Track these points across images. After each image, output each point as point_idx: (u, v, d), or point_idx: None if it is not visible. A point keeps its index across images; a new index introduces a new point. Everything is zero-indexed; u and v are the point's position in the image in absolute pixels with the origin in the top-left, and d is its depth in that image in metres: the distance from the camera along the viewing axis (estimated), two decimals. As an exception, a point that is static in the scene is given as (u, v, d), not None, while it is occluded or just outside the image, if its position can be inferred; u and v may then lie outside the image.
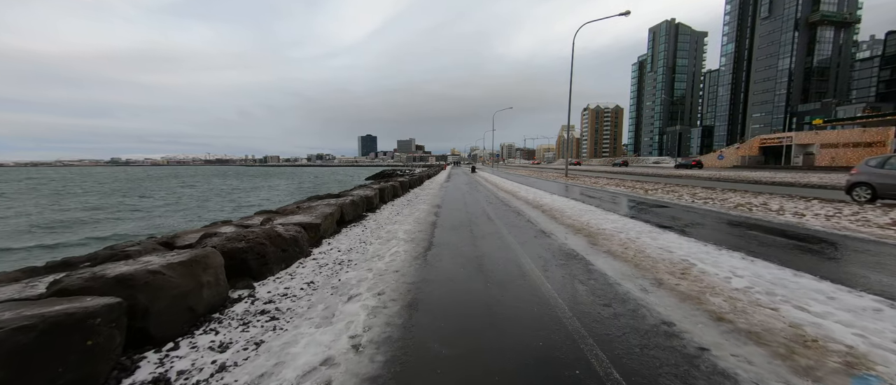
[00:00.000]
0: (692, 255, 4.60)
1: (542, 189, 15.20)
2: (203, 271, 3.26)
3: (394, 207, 10.86)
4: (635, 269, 4.27)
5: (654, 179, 22.05)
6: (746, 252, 4.81)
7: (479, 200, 12.14)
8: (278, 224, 5.57)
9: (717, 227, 6.64)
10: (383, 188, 11.69)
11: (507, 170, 52.20)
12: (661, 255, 4.70)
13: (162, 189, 38.62)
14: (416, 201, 12.21)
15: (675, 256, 4.57)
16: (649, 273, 4.07)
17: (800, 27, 78.53)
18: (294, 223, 5.76)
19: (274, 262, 4.48)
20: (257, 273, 4.22)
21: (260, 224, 6.10)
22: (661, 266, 4.24)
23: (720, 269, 3.98)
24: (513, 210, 9.71)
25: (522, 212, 9.27)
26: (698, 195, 11.65)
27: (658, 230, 6.18)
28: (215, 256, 3.50)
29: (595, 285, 3.79)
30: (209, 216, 18.05)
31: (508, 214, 8.97)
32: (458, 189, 17.29)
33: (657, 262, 4.39)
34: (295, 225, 5.66)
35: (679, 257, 4.52)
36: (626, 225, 6.69)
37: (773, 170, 36.12)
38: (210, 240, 4.22)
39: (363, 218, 8.88)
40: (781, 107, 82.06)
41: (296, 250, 5.06)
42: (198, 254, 3.33)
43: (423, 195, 14.40)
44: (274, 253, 4.50)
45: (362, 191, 10.63)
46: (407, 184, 16.41)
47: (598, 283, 3.87)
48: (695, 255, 4.55)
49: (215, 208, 21.74)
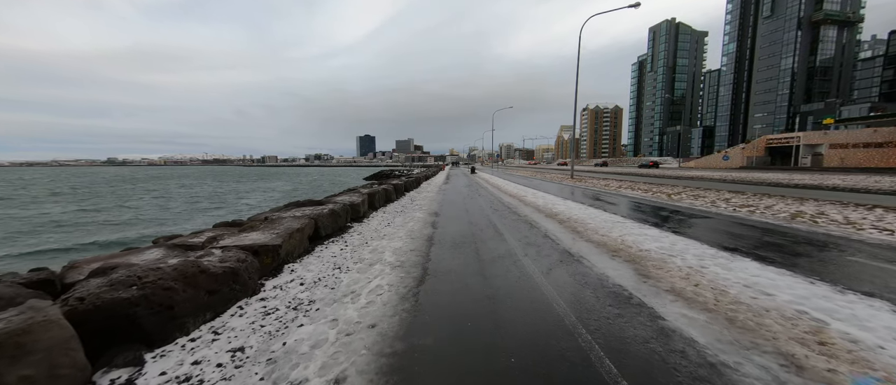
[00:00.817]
0: (805, 301, 3.16)
1: (551, 193, 13.77)
2: (10, 365, 1.81)
3: (385, 215, 9.40)
4: (734, 328, 2.82)
5: (664, 181, 20.67)
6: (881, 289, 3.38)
7: (483, 207, 10.70)
8: (217, 248, 4.11)
9: (796, 249, 5.20)
10: (373, 193, 10.22)
11: (507, 170, 50.76)
12: (754, 298, 3.27)
13: (148, 191, 36.96)
14: (411, 207, 10.77)
15: (781, 303, 3.13)
16: (764, 339, 2.62)
17: (802, 26, 77.58)
18: (241, 247, 4.30)
19: (191, 314, 3.01)
20: (157, 335, 2.75)
21: (203, 244, 4.64)
22: (774, 325, 2.80)
23: (875, 335, 2.54)
24: (523, 220, 8.27)
25: (536, 223, 7.83)
26: (731, 201, 10.25)
27: (724, 254, 4.73)
28: (49, 330, 2.04)
29: (689, 367, 2.35)
30: (169, 229, 16.39)
31: (519, 226, 7.53)
32: (458, 193, 15.84)
33: (761, 316, 2.95)
34: (241, 249, 4.19)
35: (788, 305, 3.08)
36: (674, 244, 5.25)
37: (785, 171, 34.83)
38: (80, 287, 2.75)
39: (346, 229, 7.42)
40: (784, 107, 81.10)
41: (235, 288, 3.59)
42: (10, 330, 1.87)
43: (419, 200, 12.95)
44: (191, 300, 3.03)
45: (348, 196, 9.17)
46: (401, 187, 14.95)
47: (690, 359, 2.42)
48: (812, 303, 3.10)
49: (187, 214, 20.07)
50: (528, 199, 11.83)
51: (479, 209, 10.18)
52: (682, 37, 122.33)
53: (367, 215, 9.23)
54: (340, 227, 7.38)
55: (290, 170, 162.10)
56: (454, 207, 10.75)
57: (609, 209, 9.41)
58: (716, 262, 4.32)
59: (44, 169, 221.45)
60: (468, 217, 8.81)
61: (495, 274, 4.40)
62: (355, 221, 8.34)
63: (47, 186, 43.71)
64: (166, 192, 35.89)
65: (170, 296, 2.85)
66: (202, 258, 3.60)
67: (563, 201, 10.67)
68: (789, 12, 78.38)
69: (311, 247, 5.99)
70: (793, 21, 77.98)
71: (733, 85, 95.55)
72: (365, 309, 3.42)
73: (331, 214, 6.71)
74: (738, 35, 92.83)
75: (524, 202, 11.39)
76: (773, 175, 26.66)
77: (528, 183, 20.95)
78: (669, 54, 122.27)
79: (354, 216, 8.33)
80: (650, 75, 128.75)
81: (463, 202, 12.09)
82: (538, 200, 11.06)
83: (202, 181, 60.46)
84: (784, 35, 79.69)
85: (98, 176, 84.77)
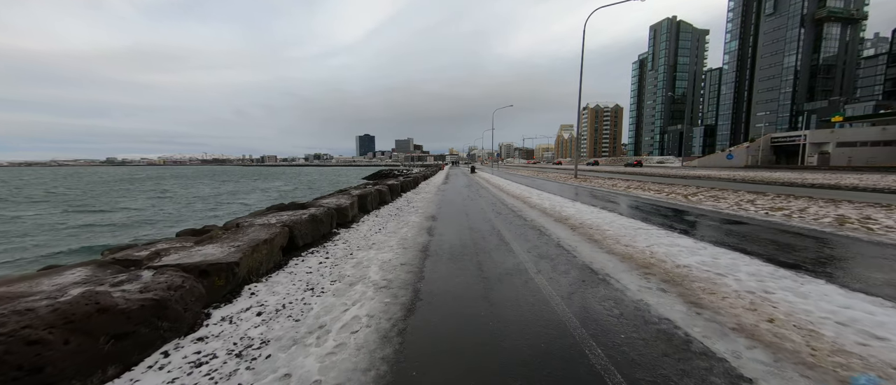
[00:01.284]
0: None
1: (556, 194, 12.88)
2: None
3: (377, 220, 8.51)
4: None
5: (674, 181, 19.79)
6: None
7: (484, 209, 9.81)
8: (150, 269, 3.22)
9: (873, 266, 4.31)
10: (365, 194, 9.32)
11: (508, 170, 49.89)
12: (863, 344, 2.39)
13: (135, 194, 36.04)
14: (407, 210, 9.88)
15: None
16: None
17: (805, 24, 76.73)
18: (183, 266, 3.40)
19: (76, 375, 2.12)
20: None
21: (144, 259, 3.76)
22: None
23: None
24: (531, 225, 7.38)
25: (545, 229, 6.94)
26: (757, 203, 9.38)
27: (786, 273, 3.84)
28: None
29: None
30: (142, 233, 15.45)
31: (527, 233, 6.64)
32: (458, 193, 14.95)
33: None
34: (182, 270, 3.30)
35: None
36: (717, 258, 4.36)
37: (794, 170, 34.00)
38: None
39: (331, 237, 6.53)
40: (787, 105, 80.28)
41: (161, 327, 2.70)
42: None
43: (416, 201, 12.07)
44: (79, 353, 2.14)
45: (336, 199, 8.27)
46: (397, 188, 14.05)
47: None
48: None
49: (165, 219, 19.08)
50: (533, 200, 10.94)
51: (480, 212, 9.29)
52: (683, 35, 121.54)
53: (357, 219, 8.33)
54: (324, 234, 6.48)
55: (288, 170, 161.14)
56: (453, 210, 9.86)
57: (625, 212, 8.52)
58: (781, 285, 3.43)
59: (43, 169, 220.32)
60: (469, 221, 7.92)
61: (504, 299, 3.52)
62: (343, 227, 7.45)
63: (40, 187, 42.76)
64: (161, 192, 34.97)
65: (37, 353, 1.96)
66: (116, 286, 2.70)
67: (571, 203, 9.78)
68: (792, 9, 77.54)
69: (285, 259, 5.09)
70: (796, 18, 77.15)
71: (735, 83, 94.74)
72: (331, 356, 2.54)
73: (310, 221, 5.81)
74: (740, 33, 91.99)
75: (529, 204, 10.50)
76: (783, 174, 25.81)
77: (530, 183, 20.07)
78: (670, 53, 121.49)
79: (342, 221, 7.44)
80: (651, 74, 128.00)
81: (463, 204, 11.20)
82: (544, 202, 10.17)
83: (198, 181, 59.52)
84: (787, 32, 78.86)
85: (94, 176, 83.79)
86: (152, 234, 14.14)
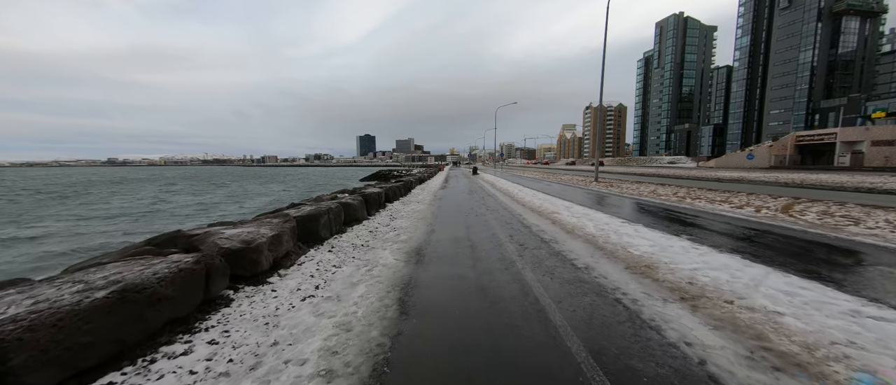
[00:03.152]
0: None
1: (591, 207, 9.61)
2: None
3: (329, 257, 5.25)
4: None
5: (713, 185, 16.48)
6: None
7: (498, 237, 6.54)
8: None
9: None
10: (315, 215, 6.05)
11: (512, 171, 46.47)
12: None
13: (75, 203, 32.81)
14: (383, 235, 6.64)
15: None
16: None
17: (823, 18, 73.23)
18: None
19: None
20: None
21: None
22: None
23: None
24: (588, 280, 4.11)
25: (622, 294, 3.67)
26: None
27: None
28: None
29: None
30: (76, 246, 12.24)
31: (595, 308, 3.37)
32: (458, 206, 11.68)
33: None
34: None
35: None
36: None
37: (827, 170, 30.61)
38: None
39: (219, 306, 3.30)
40: (802, 103, 76.79)
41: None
42: None
43: (401, 218, 8.82)
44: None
45: (254, 227, 4.95)
46: (379, 197, 10.75)
47: None
48: None
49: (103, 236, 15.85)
50: (565, 218, 7.66)
51: (492, 244, 6.01)
52: (690, 32, 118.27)
53: (285, 264, 4.99)
54: (247, 275, 3.24)
55: (287, 170, 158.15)
56: (451, 235, 6.60)
57: (736, 249, 5.22)
58: None
59: (43, 169, 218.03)
60: (475, 268, 4.64)
61: None
62: (245, 282, 4.14)
63: (34, 188, 39.64)
64: (138, 196, 31.74)
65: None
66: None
67: (630, 226, 6.49)
68: (808, 3, 74.04)
69: (151, 347, 1.84)
70: (812, 12, 73.63)
71: (747, 81, 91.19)
72: None
73: (218, 264, 2.54)
74: (752, 28, 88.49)
75: (563, 226, 7.20)
76: (817, 176, 22.38)
77: (546, 188, 16.78)
78: (677, 50, 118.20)
79: (244, 272, 4.10)
80: (657, 72, 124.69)
81: (465, 221, 7.93)
82: (585, 224, 6.88)
83: (194, 182, 56.31)
84: (803, 27, 75.33)
85: (80, 177, 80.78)
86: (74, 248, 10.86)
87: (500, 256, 5.20)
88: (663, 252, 4.73)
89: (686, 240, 5.54)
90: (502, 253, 5.41)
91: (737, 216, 8.09)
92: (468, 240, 6.33)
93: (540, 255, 5.20)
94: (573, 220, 7.39)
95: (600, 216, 7.66)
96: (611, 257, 4.95)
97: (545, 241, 6.14)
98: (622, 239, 5.54)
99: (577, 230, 6.60)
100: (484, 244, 5.99)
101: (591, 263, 4.73)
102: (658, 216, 8.29)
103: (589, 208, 9.03)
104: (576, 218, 7.52)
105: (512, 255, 5.26)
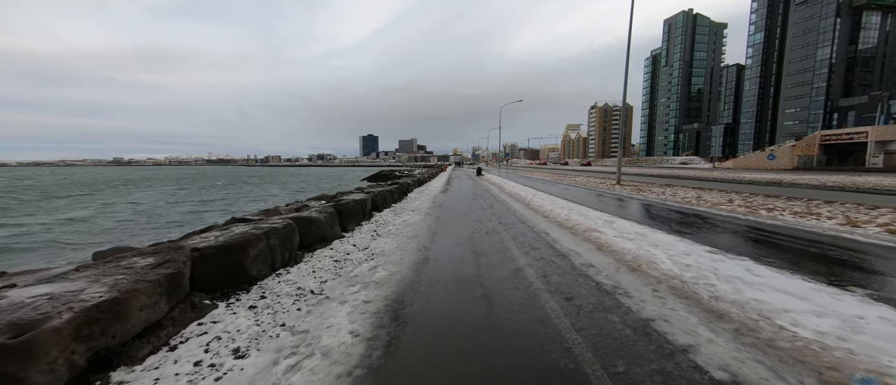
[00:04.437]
0: None
1: (632, 219, 7.34)
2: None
3: (250, 321, 3.08)
4: None
5: (754, 190, 14.15)
6: None
7: (519, 266, 4.30)
8: None
9: None
10: (267, 234, 3.89)
11: (518, 171, 44.08)
12: None
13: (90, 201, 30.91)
14: (357, 262, 4.44)
15: None
16: None
17: (842, 12, 70.17)
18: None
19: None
20: None
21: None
22: None
23: None
24: None
25: None
26: None
27: None
28: None
29: None
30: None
31: None
32: (462, 214, 9.43)
33: None
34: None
35: None
36: None
37: (865, 173, 28.01)
38: None
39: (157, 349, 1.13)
40: (820, 101, 73.71)
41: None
42: None
43: (384, 237, 6.60)
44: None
45: (119, 281, 2.78)
46: (364, 205, 8.52)
47: None
48: None
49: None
50: (613, 241, 5.39)
51: (519, 293, 3.75)
52: (699, 29, 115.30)
53: (161, 339, 2.80)
54: None
55: (289, 170, 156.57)
56: (452, 269, 4.36)
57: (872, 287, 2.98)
58: None
59: (48, 169, 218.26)
60: (496, 341, 2.42)
61: None
62: (125, 364, 1.96)
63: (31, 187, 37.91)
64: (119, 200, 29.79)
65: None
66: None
67: (731, 261, 4.21)
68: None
69: None
70: (831, 6, 70.57)
71: (760, 79, 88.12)
72: None
73: None
74: (765, 24, 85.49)
75: (615, 256, 4.92)
76: (874, 179, 19.88)
77: (563, 193, 14.51)
78: (686, 48, 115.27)
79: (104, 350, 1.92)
80: (665, 70, 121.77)
81: (472, 246, 5.67)
82: (653, 255, 4.60)
83: (183, 183, 54.50)
84: (821, 22, 72.28)
85: (74, 177, 79.39)
86: None
87: (537, 322, 2.95)
88: (855, 334, 2.46)
89: (866, 297, 3.25)
90: (537, 311, 3.16)
91: (874, 242, 5.73)
92: (478, 279, 4.09)
93: (606, 324, 2.94)
94: (627, 244, 5.12)
95: (664, 238, 5.37)
96: (758, 344, 2.66)
97: (600, 286, 3.85)
98: (741, 292, 3.28)
99: (644, 266, 4.32)
100: (504, 291, 3.74)
101: (735, 366, 2.43)
102: (753, 240, 5.90)
103: (637, 224, 6.74)
104: (629, 240, 5.25)
105: (556, 318, 3.02)
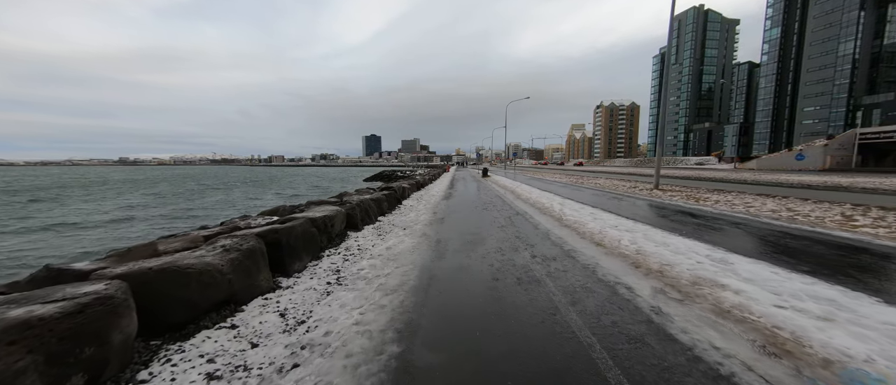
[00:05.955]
0: None
1: (767, 260, 4.56)
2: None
3: None
4: None
5: (797, 191, 11.25)
6: None
7: None
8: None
9: None
10: None
11: (523, 172, 41.15)
12: None
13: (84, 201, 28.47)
14: (318, 318, 1.75)
15: None
16: None
17: (866, 5, 66.59)
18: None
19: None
20: None
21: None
22: None
23: None
24: None
25: None
26: None
27: None
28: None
29: None
30: None
31: None
32: (471, 240, 6.65)
33: None
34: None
35: None
36: None
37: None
38: None
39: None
40: (842, 99, 70.13)
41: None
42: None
43: (364, 272, 3.88)
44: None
45: None
46: (332, 224, 5.77)
47: None
48: None
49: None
50: (812, 337, 2.68)
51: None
52: (711, 25, 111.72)
53: None
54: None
55: (291, 170, 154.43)
56: (466, 363, 1.61)
57: None
58: None
59: (54, 168, 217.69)
60: None
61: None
62: None
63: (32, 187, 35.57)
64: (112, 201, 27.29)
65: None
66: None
67: None
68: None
69: None
70: None
71: (776, 76, 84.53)
72: None
73: None
74: (783, 19, 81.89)
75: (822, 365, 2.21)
76: None
77: (595, 201, 11.68)
78: (697, 45, 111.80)
79: None
80: (675, 68, 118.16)
81: (497, 316, 2.92)
82: None
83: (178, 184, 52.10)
84: (843, 16, 68.73)
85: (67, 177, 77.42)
86: None
87: None
88: None
89: None
90: None
91: None
92: None
93: None
94: (815, 325, 2.33)
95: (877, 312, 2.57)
96: None
97: None
98: None
99: None
100: None
101: None
102: None
103: (792, 273, 3.90)
104: (825, 321, 2.47)
105: None
